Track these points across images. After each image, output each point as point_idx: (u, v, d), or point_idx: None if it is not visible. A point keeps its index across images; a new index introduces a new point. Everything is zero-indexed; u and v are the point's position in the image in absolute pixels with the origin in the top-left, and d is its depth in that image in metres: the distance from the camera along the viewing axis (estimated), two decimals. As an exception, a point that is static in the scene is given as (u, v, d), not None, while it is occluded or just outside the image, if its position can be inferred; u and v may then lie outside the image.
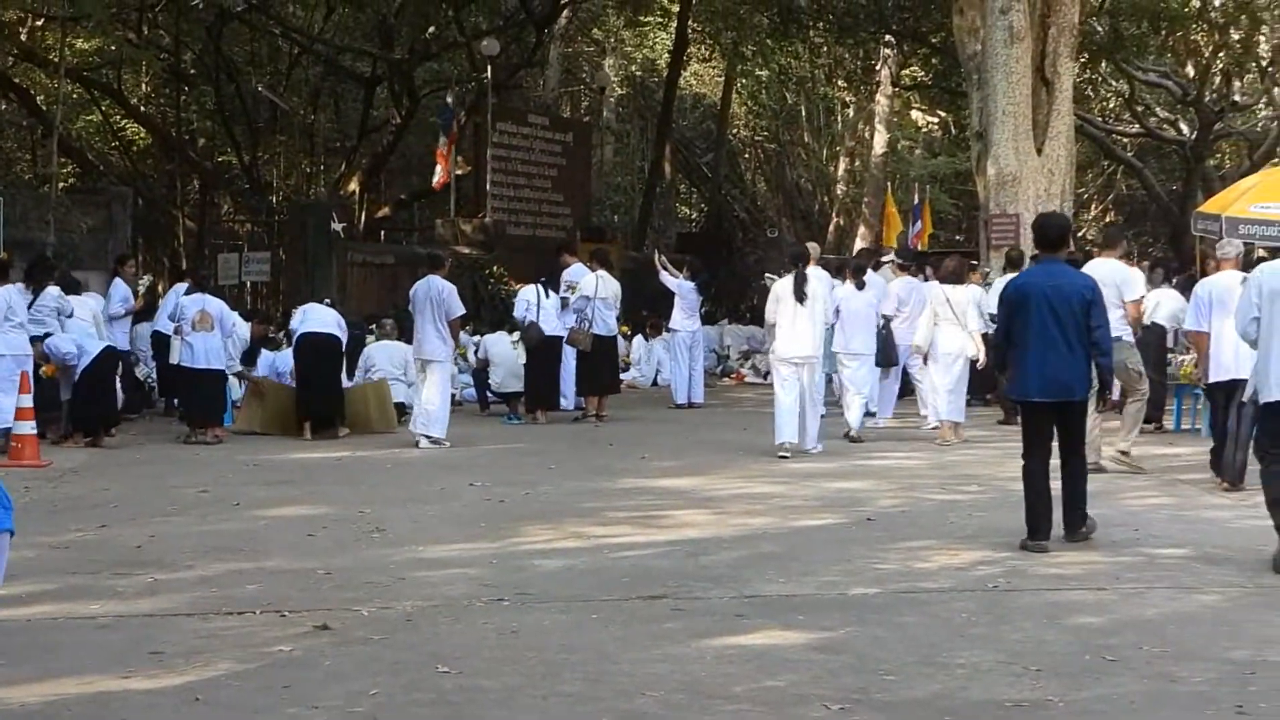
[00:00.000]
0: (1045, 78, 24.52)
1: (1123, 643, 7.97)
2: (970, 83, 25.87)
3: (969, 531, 11.53)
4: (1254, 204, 18.00)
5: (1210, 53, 38.55)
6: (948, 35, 28.67)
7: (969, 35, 25.38)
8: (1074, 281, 11.11)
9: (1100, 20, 34.08)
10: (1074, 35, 25.48)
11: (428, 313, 17.71)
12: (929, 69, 40.48)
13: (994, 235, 24.16)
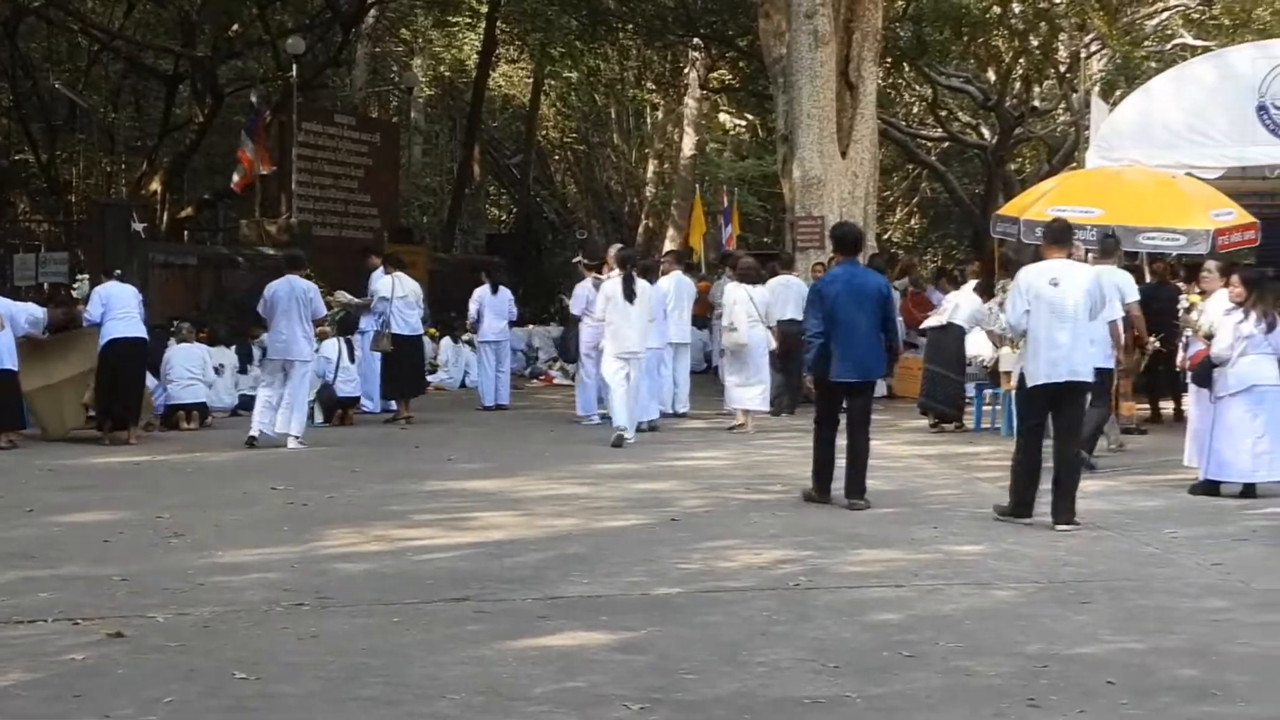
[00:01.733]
0: (850, 82, 24.86)
1: (920, 638, 8.08)
2: (776, 86, 26.15)
3: (772, 531, 11.60)
4: (1051, 207, 18.30)
5: (1011, 58, 39.31)
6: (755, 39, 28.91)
7: (775, 39, 25.65)
8: (871, 281, 13.23)
9: (904, 25, 34.62)
10: (878, 40, 25.88)
11: (294, 314, 17.49)
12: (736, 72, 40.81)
13: (800, 237, 24.43)
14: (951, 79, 39.87)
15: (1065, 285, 11.83)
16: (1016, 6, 36.88)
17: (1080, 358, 11.83)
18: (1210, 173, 19.22)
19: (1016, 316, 11.91)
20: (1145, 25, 38.52)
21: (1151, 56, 36.41)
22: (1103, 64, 38.67)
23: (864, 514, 12.32)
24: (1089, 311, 11.91)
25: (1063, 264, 12.08)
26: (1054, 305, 11.74)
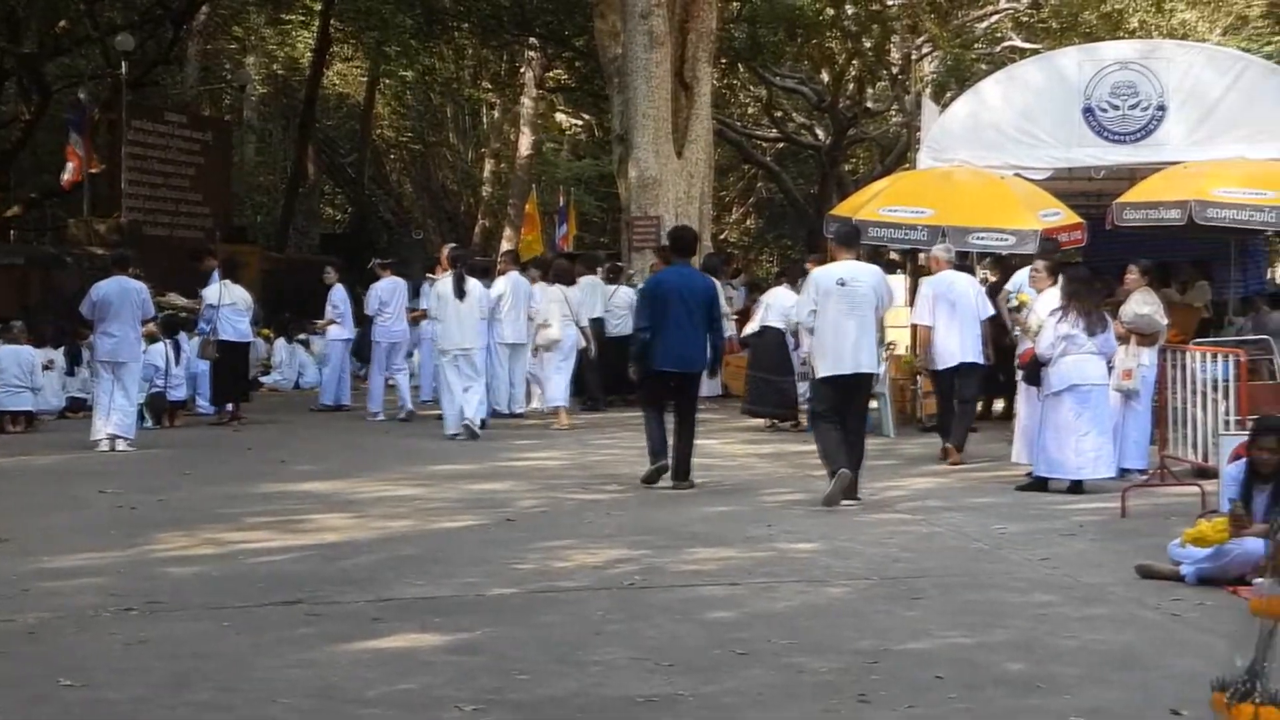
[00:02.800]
0: (685, 82, 24.97)
1: (754, 636, 8.12)
2: (612, 86, 26.19)
3: (608, 530, 11.61)
4: (883, 207, 18.56)
5: (844, 60, 39.73)
6: (591, 39, 28.93)
7: (610, 39, 25.69)
8: (700, 281, 14.33)
9: (739, 27, 34.84)
10: (713, 41, 26.03)
11: (126, 315, 17.24)
12: (573, 72, 40.83)
13: (636, 237, 24.50)
14: (786, 80, 40.19)
15: (852, 284, 12.83)
16: (849, 9, 37.27)
17: (866, 352, 12.86)
18: (1038, 173, 19.57)
19: (805, 314, 13.09)
20: (976, 28, 39.14)
21: (982, 59, 37.03)
22: (934, 66, 39.22)
23: (699, 512, 12.37)
24: (874, 309, 12.89)
25: (850, 264, 13.16)
26: (841, 303, 12.76)
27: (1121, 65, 19.80)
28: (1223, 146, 19.12)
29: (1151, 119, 19.59)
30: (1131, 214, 17.89)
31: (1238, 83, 19.54)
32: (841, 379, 12.73)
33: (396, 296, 20.85)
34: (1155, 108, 19.55)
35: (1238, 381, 13.91)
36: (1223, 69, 19.84)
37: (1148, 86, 19.55)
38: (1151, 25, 36.75)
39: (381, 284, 20.68)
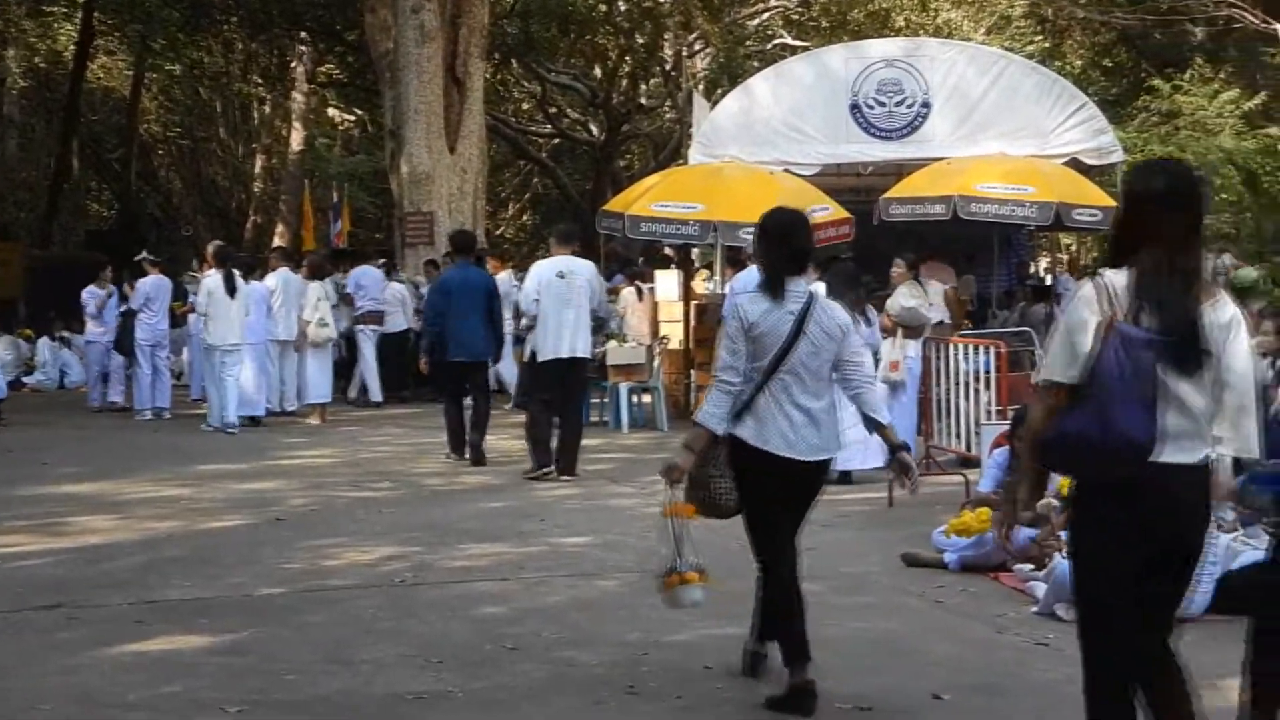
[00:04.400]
0: (457, 77, 24.86)
1: (525, 631, 8.14)
2: (384, 81, 25.98)
3: (380, 528, 11.54)
4: (654, 203, 18.65)
5: (617, 56, 39.87)
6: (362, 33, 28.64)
7: (381, 33, 25.48)
8: (480, 277, 15.65)
9: (511, 22, 34.78)
10: (485, 36, 25.95)
11: None
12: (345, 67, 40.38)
13: (409, 233, 24.35)
14: (560, 76, 40.22)
15: (570, 277, 14.12)
16: (622, 5, 37.43)
17: (581, 339, 14.18)
18: (807, 169, 19.82)
19: (528, 303, 14.13)
20: (747, 25, 39.49)
21: (753, 56, 37.36)
22: (706, 62, 39.50)
23: (472, 508, 12.35)
24: (589, 299, 14.22)
25: (568, 259, 14.42)
26: (560, 294, 13.98)
27: (887, 63, 20.15)
28: (985, 143, 19.57)
29: (917, 116, 19.96)
30: (898, 209, 18.24)
31: (999, 81, 19.99)
32: (559, 362, 13.97)
33: (162, 294, 20.47)
34: (920, 105, 19.93)
35: (999, 373, 14.25)
36: (984, 68, 20.29)
37: (913, 84, 19.93)
38: (917, 24, 37.43)
39: (148, 281, 20.32)
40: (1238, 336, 5.11)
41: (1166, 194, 5.11)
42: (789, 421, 6.85)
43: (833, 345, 6.99)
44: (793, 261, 7.01)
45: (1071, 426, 5.00)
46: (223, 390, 18.42)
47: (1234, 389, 5.10)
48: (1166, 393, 4.96)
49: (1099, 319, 5.01)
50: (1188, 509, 5.08)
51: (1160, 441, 4.94)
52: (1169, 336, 4.97)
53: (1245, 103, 31.09)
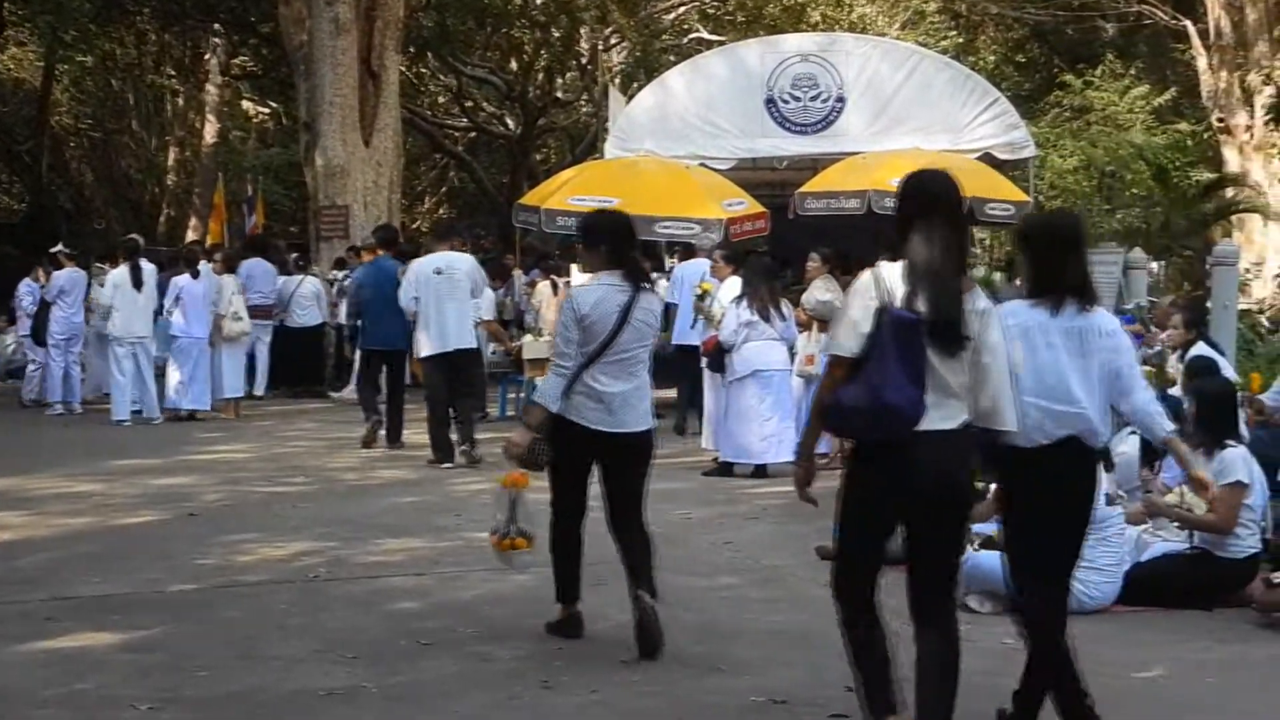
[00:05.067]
0: (372, 70, 24.71)
1: (439, 625, 8.13)
2: (298, 74, 25.78)
3: (294, 523, 11.47)
4: (570, 196, 18.65)
5: (533, 50, 39.79)
6: (277, 25, 28.42)
7: (296, 25, 25.28)
8: (393, 268, 16.06)
9: (427, 15, 34.60)
10: (400, 29, 25.80)
11: None
12: (259, 59, 40.02)
13: (324, 227, 24.20)
14: (476, 70, 40.06)
15: (448, 272, 14.61)
16: (538, -1, 37.38)
17: (465, 331, 14.73)
18: (722, 163, 19.88)
19: (407, 300, 14.68)
20: (663, 19, 39.52)
21: (669, 50, 37.38)
22: (622, 57, 39.50)
23: (387, 503, 12.34)
24: (469, 293, 14.79)
25: (447, 255, 14.93)
26: (440, 290, 14.51)
27: (802, 58, 20.22)
28: (899, 138, 19.67)
29: (831, 110, 20.05)
30: (813, 203, 18.31)
31: (913, 76, 20.11)
32: (446, 355, 14.50)
33: (77, 287, 20.27)
34: (835, 99, 20.02)
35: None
36: (898, 63, 20.40)
37: (827, 79, 20.01)
38: (832, 19, 37.57)
39: (63, 274, 20.12)
40: (992, 324, 5.86)
41: (935, 198, 5.88)
42: (606, 399, 7.70)
43: (651, 333, 7.97)
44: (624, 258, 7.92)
45: (848, 395, 5.72)
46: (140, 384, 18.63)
47: (990, 368, 5.81)
48: (931, 369, 5.67)
49: (876, 304, 5.71)
50: (950, 467, 5.76)
51: (925, 410, 5.65)
52: (935, 321, 5.67)
53: (1155, 98, 31.50)
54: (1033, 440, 6.12)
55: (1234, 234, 29.57)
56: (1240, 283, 21.41)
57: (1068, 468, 6.22)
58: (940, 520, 5.85)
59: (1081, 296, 6.27)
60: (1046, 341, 6.21)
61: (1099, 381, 6.26)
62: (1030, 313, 6.25)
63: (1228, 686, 7.14)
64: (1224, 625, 8.35)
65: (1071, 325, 6.24)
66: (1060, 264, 6.30)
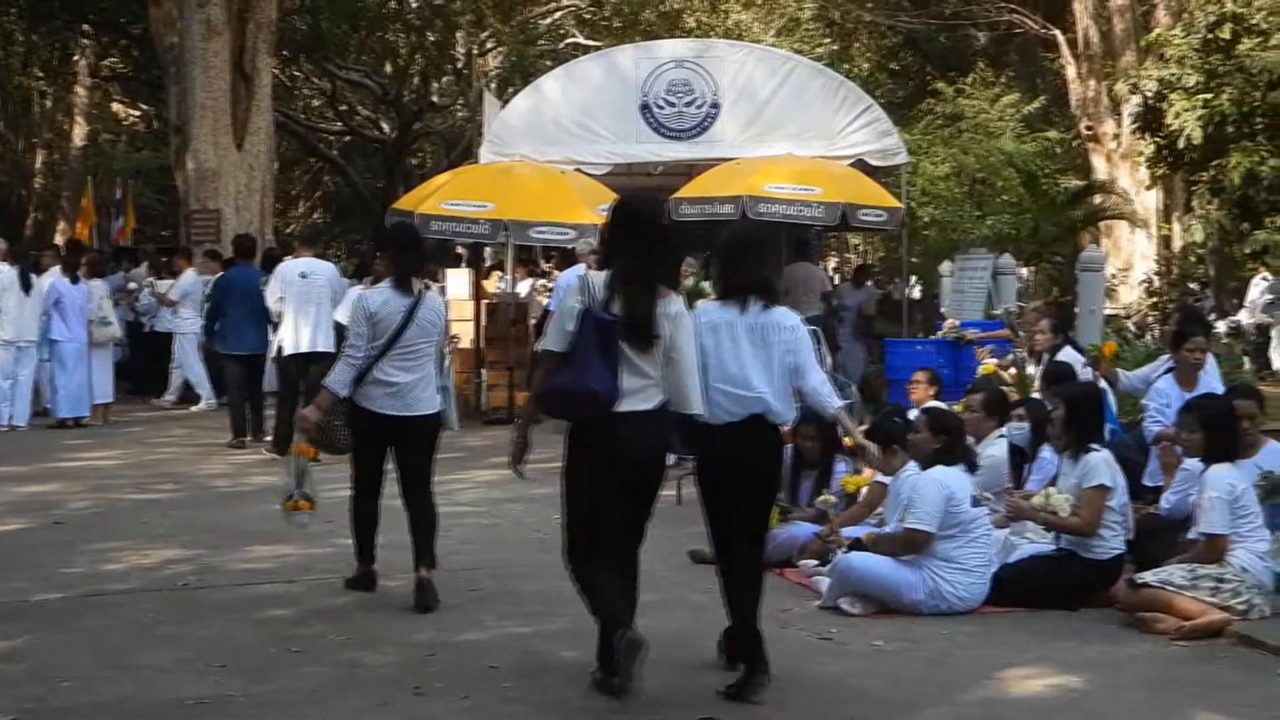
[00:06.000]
0: (245, 73, 24.51)
1: (310, 633, 8.08)
2: (169, 76, 25.51)
3: (163, 530, 11.36)
4: (444, 201, 18.57)
5: (408, 54, 39.63)
6: (147, 26, 28.08)
7: (166, 27, 25.01)
8: (255, 279, 16.81)
9: (301, 18, 34.35)
10: (273, 31, 25.59)
11: None
12: (129, 60, 39.56)
13: (195, 231, 23.94)
14: (350, 73, 39.82)
15: (311, 277, 15.36)
16: (413, 2, 37.20)
17: (323, 334, 15.23)
18: (598, 168, 19.88)
19: (273, 301, 15.43)
20: (539, 24, 39.49)
21: (546, 55, 37.36)
22: (498, 61, 39.44)
23: (259, 510, 12.13)
24: (330, 298, 15.37)
25: (311, 260, 15.74)
26: (303, 293, 15.24)
27: (677, 63, 20.25)
28: (773, 144, 19.76)
29: (706, 116, 20.09)
30: (688, 209, 18.35)
31: (786, 82, 20.19)
32: (300, 357, 15.10)
33: None
34: (710, 105, 20.07)
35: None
36: (773, 69, 20.47)
37: (702, 85, 20.06)
38: (708, 25, 37.73)
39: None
40: (681, 325, 6.97)
41: (638, 219, 7.10)
42: (394, 388, 8.81)
43: (434, 330, 9.07)
44: (409, 264, 9.08)
45: (557, 383, 6.89)
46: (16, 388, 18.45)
47: (679, 362, 6.95)
48: (628, 361, 6.83)
49: (581, 306, 6.85)
50: (646, 441, 6.92)
51: (622, 395, 6.80)
52: (629, 321, 6.81)
53: (1025, 106, 31.88)
54: (721, 419, 7.14)
55: (1102, 240, 30.02)
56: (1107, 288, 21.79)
57: (752, 441, 7.21)
58: (641, 485, 6.99)
59: (764, 296, 7.27)
60: (732, 336, 7.20)
61: (779, 370, 7.23)
62: (721, 312, 7.28)
63: (1093, 686, 7.24)
64: (1089, 625, 8.47)
65: (755, 322, 7.23)
66: (746, 269, 7.36)
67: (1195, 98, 22.54)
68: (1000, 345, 15.19)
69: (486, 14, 36.78)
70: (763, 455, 7.30)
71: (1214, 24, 23.01)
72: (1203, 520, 8.45)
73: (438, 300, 9.32)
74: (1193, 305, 22.32)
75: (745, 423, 7.17)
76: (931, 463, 8.89)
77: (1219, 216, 24.06)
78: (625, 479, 6.90)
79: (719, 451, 7.21)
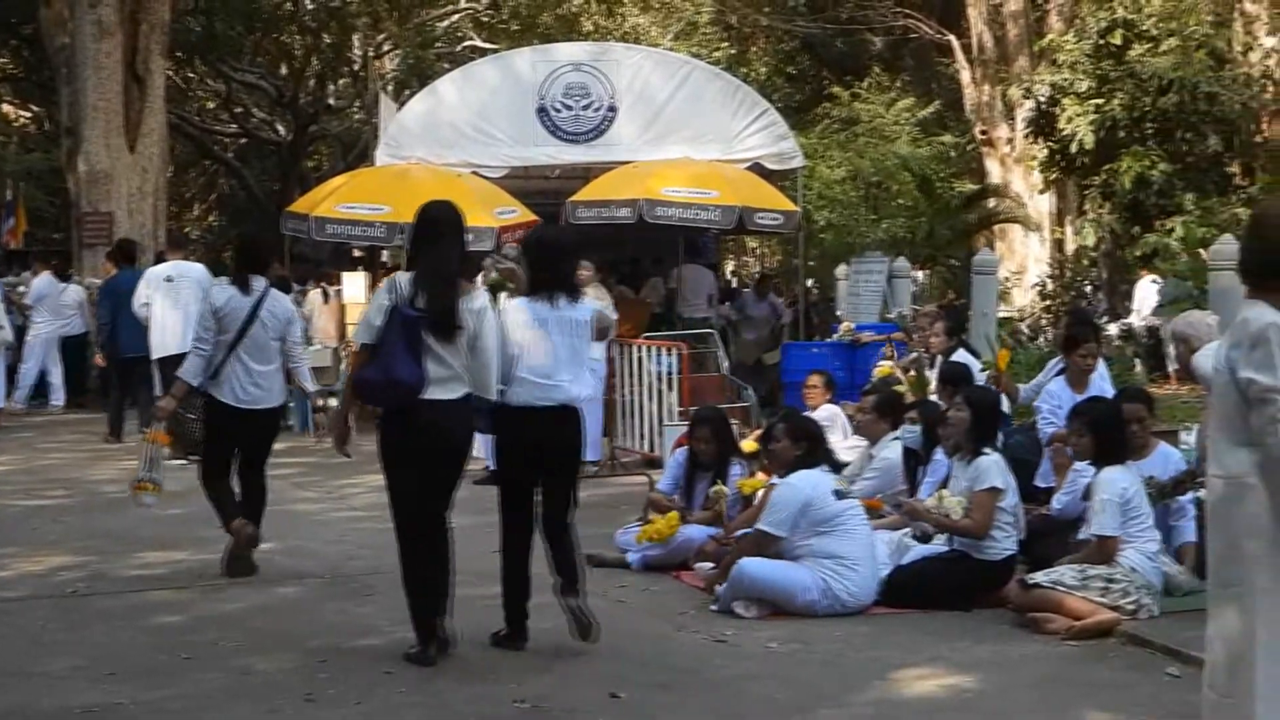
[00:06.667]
0: (138, 74, 24.23)
1: (202, 639, 8.01)
2: (60, 77, 25.22)
3: (53, 537, 11.23)
4: (340, 204, 18.46)
5: (304, 56, 39.37)
6: (38, 26, 27.74)
7: (57, 27, 24.72)
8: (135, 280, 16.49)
9: (195, 19, 34.05)
10: (166, 32, 25.29)
11: None
12: (20, 61, 39.09)
13: (86, 234, 23.66)
14: (245, 75, 39.51)
15: (179, 280, 15.84)
16: (309, 4, 36.97)
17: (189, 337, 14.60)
18: (495, 171, 19.81)
19: (138, 305, 15.88)
20: (437, 26, 39.35)
21: (443, 58, 37.24)
22: (395, 64, 39.27)
23: (150, 515, 11.98)
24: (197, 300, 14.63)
25: (179, 263, 16.29)
26: (170, 295, 15.71)
27: (574, 67, 20.24)
28: (670, 147, 19.78)
29: (603, 119, 20.09)
30: (584, 212, 18.34)
31: (684, 86, 20.23)
32: (172, 359, 14.50)
33: None
34: (607, 108, 20.06)
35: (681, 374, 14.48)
36: (670, 73, 20.51)
37: (599, 88, 20.05)
38: (606, 29, 37.74)
39: None
40: (485, 319, 7.64)
41: (439, 223, 7.79)
42: (241, 380, 9.60)
43: (278, 326, 9.79)
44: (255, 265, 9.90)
45: (368, 373, 7.58)
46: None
47: (480, 351, 7.60)
48: (433, 353, 7.48)
49: (389, 304, 7.50)
50: (449, 426, 7.59)
51: (427, 384, 7.45)
52: (433, 315, 7.45)
53: (921, 111, 32.11)
54: (528, 403, 7.78)
55: (996, 244, 30.34)
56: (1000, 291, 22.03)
57: (556, 426, 7.87)
58: (443, 464, 7.69)
59: (569, 293, 7.98)
60: (543, 330, 7.85)
61: (581, 359, 8.04)
62: (532, 306, 7.92)
63: (985, 686, 7.30)
64: (982, 625, 8.53)
65: (563, 315, 7.91)
66: (553, 268, 8.02)
67: (1087, 103, 22.86)
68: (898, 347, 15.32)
69: (383, 16, 36.61)
70: (566, 438, 7.97)
71: (1105, 30, 23.36)
72: (1094, 522, 8.54)
73: (282, 300, 10.13)
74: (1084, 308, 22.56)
75: (551, 409, 7.83)
76: (794, 469, 9.03)
77: (1110, 220, 24.41)
78: (431, 462, 7.61)
79: (526, 435, 7.84)
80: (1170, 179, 22.32)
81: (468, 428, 7.80)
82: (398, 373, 7.44)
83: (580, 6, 38.36)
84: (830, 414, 12.94)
